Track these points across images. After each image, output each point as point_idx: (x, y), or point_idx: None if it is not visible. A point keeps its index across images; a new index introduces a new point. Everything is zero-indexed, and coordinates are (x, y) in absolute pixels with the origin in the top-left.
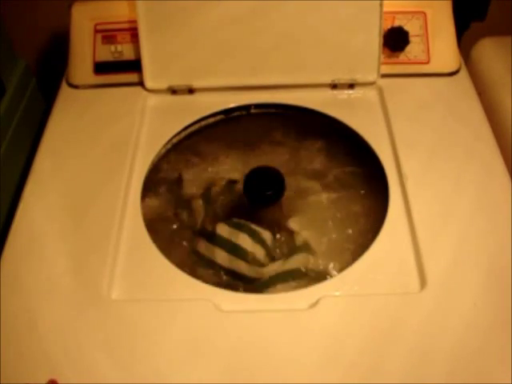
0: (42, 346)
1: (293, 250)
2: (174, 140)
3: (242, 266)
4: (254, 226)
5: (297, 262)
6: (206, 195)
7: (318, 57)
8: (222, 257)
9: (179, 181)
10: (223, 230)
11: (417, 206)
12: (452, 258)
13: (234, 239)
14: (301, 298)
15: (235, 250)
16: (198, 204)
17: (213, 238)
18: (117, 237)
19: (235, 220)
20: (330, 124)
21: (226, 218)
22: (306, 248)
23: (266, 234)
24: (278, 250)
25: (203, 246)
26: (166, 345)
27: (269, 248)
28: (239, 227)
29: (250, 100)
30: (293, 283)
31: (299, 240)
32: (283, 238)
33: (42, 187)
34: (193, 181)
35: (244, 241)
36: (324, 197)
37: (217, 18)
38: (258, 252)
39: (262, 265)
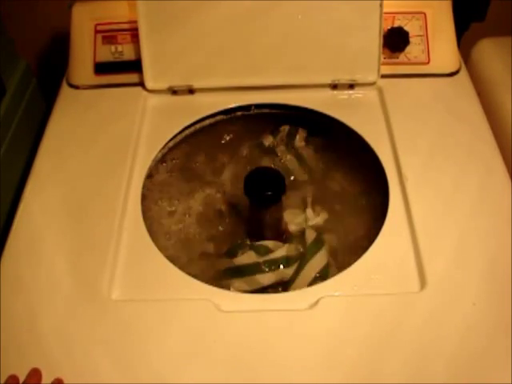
0: (42, 345)
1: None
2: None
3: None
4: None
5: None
6: None
7: (318, 57)
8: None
9: None
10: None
11: (417, 206)
12: (452, 258)
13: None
14: (301, 298)
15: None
16: None
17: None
18: (117, 237)
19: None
20: (330, 124)
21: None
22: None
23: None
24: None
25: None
26: (165, 345)
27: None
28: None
29: (250, 100)
30: None
31: (310, 235)
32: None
33: (43, 187)
34: None
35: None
36: (323, 197)
37: (217, 18)
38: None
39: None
